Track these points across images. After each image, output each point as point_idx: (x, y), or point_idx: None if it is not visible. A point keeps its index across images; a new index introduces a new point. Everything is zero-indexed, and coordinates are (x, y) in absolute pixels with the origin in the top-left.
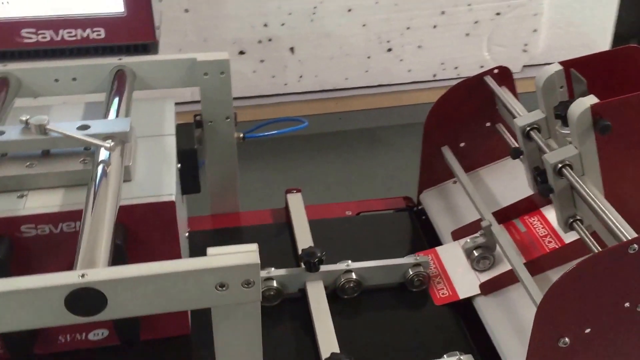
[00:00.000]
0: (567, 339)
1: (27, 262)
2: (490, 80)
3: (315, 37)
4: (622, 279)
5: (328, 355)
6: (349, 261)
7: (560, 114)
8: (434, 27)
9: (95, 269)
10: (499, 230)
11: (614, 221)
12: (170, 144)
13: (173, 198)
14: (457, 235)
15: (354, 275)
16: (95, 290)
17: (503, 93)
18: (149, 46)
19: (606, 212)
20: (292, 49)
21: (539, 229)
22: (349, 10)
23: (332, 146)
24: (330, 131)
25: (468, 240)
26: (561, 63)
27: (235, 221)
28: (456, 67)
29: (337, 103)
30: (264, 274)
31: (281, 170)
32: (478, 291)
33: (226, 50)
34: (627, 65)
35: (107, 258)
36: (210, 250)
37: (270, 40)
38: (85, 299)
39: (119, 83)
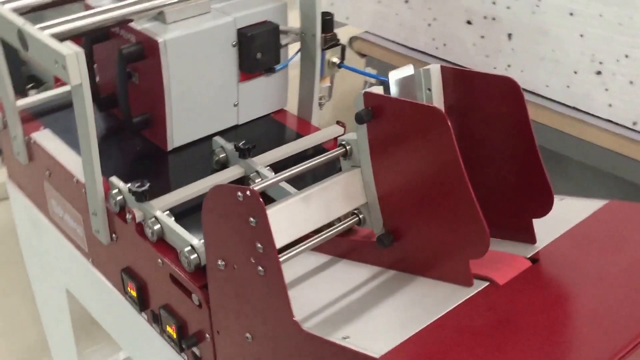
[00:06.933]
0: (222, 262)
1: None
2: None
3: (533, 31)
4: (237, 226)
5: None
6: (269, 169)
7: None
8: None
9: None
10: None
11: None
12: (230, 22)
13: (161, 40)
14: None
15: (260, 178)
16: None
17: None
18: None
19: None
20: (509, 35)
21: None
22: (571, 14)
23: None
24: None
25: None
26: (446, 68)
27: (286, 121)
28: None
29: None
30: (220, 144)
31: None
32: None
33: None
34: (496, 92)
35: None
36: (66, 43)
37: (494, 19)
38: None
39: None
